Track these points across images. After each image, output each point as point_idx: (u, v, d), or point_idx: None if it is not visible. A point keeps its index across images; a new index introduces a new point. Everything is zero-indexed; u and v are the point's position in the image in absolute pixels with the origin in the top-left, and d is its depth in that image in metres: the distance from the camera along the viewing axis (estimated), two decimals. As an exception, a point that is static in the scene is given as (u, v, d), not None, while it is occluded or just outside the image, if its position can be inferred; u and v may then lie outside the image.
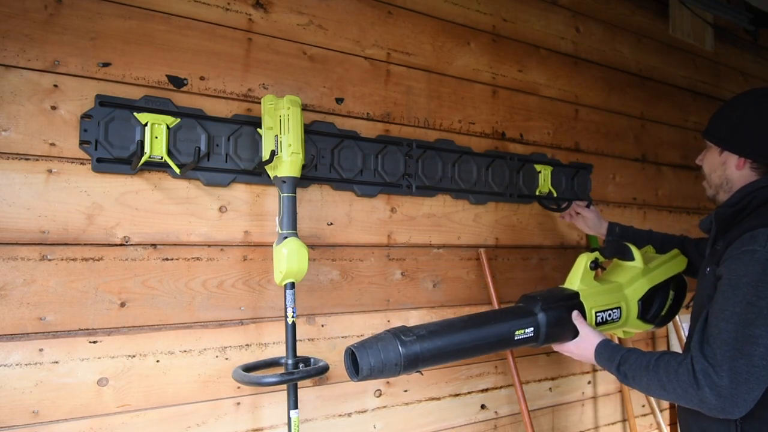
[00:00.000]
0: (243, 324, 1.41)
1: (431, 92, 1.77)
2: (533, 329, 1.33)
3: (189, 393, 1.33)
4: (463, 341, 1.25)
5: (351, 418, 1.57)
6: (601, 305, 1.44)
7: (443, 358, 1.24)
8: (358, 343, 1.17)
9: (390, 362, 1.15)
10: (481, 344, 1.28)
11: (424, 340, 1.19)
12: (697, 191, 2.59)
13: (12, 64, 1.17)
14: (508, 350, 1.46)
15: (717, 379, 1.01)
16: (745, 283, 1.03)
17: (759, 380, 1.00)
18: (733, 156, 1.25)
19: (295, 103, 1.35)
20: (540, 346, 1.38)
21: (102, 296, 1.24)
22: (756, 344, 0.99)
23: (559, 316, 1.36)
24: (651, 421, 2.33)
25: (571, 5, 2.18)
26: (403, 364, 1.16)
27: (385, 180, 1.63)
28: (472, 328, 1.28)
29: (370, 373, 1.15)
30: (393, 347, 1.15)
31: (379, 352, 1.15)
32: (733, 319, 1.02)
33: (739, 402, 1.00)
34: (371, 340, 1.17)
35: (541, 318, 1.34)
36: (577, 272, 1.47)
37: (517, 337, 1.31)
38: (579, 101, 2.16)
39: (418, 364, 1.19)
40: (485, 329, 1.29)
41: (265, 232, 1.45)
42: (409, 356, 1.16)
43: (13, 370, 1.15)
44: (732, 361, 1.00)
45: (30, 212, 1.18)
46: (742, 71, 2.92)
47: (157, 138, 1.28)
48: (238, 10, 1.44)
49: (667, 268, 1.53)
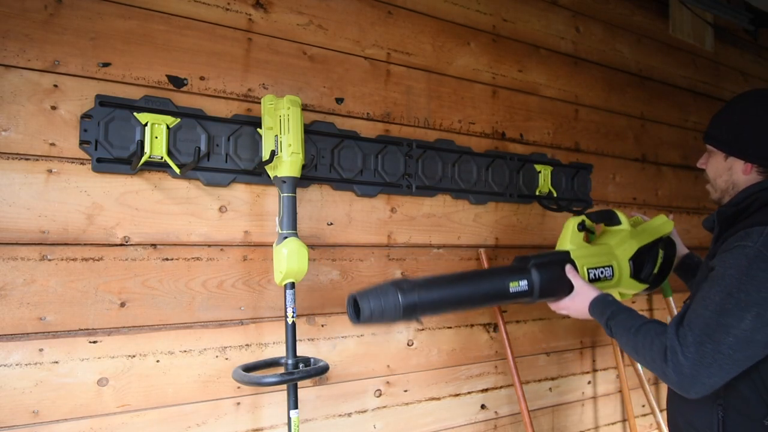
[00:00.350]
0: (243, 324, 1.41)
1: (431, 92, 1.77)
2: (527, 283, 1.36)
3: (189, 393, 1.33)
4: (460, 292, 1.31)
5: (351, 418, 1.57)
6: (593, 264, 1.48)
7: (440, 308, 1.30)
8: (359, 291, 1.22)
9: (389, 308, 1.21)
10: (476, 296, 1.33)
11: (422, 289, 1.25)
12: (697, 191, 2.60)
13: (12, 64, 1.17)
14: (503, 304, 1.49)
15: (682, 358, 1.05)
16: (730, 274, 1.06)
17: (722, 367, 1.03)
18: (738, 161, 1.24)
19: (295, 103, 1.35)
20: (535, 301, 1.41)
21: (102, 296, 1.24)
22: (727, 333, 1.02)
23: (552, 271, 1.40)
24: (651, 421, 2.33)
25: (571, 5, 2.18)
26: (402, 310, 1.22)
27: (385, 180, 1.63)
28: (468, 280, 1.34)
29: (370, 317, 1.21)
30: (393, 295, 1.22)
31: (379, 298, 1.21)
32: (711, 306, 1.06)
33: (697, 384, 1.04)
34: (373, 289, 1.23)
35: (534, 273, 1.38)
36: (566, 235, 1.51)
37: (512, 289, 1.35)
38: (579, 101, 2.16)
39: (416, 312, 1.25)
40: (481, 282, 1.34)
41: (265, 232, 1.45)
42: (407, 304, 1.22)
43: (13, 370, 1.15)
44: (699, 345, 1.04)
45: (30, 212, 1.18)
46: (742, 71, 2.92)
47: (157, 138, 1.28)
48: (238, 10, 1.44)
49: (654, 230, 1.57)
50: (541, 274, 1.38)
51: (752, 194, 1.19)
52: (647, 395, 2.15)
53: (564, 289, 1.41)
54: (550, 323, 2.04)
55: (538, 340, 2.00)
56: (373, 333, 1.61)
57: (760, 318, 1.00)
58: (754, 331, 1.00)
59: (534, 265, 1.39)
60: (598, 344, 2.19)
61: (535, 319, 1.99)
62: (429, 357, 1.72)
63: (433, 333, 1.73)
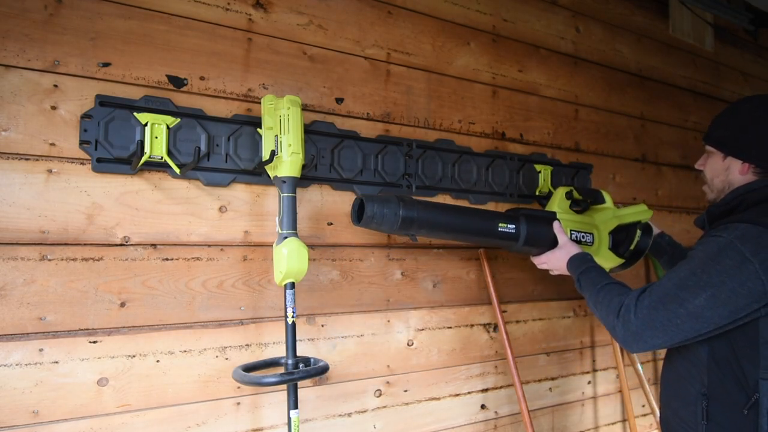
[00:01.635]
0: (243, 324, 1.41)
1: (431, 92, 1.77)
2: (515, 227, 1.51)
3: (189, 393, 1.33)
4: (454, 220, 1.45)
5: (351, 418, 1.57)
6: (576, 227, 1.63)
7: (434, 230, 1.42)
8: (366, 195, 1.35)
9: (390, 216, 1.33)
10: (468, 227, 1.46)
11: (421, 207, 1.38)
12: (697, 191, 2.59)
13: (12, 64, 1.17)
14: (489, 242, 1.60)
15: (633, 317, 1.14)
16: (698, 257, 1.13)
17: (666, 332, 1.11)
18: (736, 161, 1.28)
19: (295, 103, 1.35)
20: (520, 248, 1.55)
21: (102, 296, 1.24)
22: (680, 305, 1.10)
23: (539, 223, 1.55)
24: (651, 421, 2.33)
25: (571, 5, 2.18)
26: (401, 221, 1.34)
27: (385, 180, 1.63)
28: (463, 212, 1.48)
29: (371, 219, 1.32)
30: (395, 205, 1.34)
31: (383, 205, 1.33)
32: (674, 280, 1.14)
33: (639, 341, 1.14)
34: (378, 195, 1.36)
35: (522, 222, 1.53)
36: (554, 200, 1.68)
37: (500, 228, 1.50)
38: (579, 101, 2.16)
39: (412, 227, 1.37)
40: (474, 216, 1.49)
41: (265, 232, 1.45)
42: (406, 216, 1.34)
43: (13, 370, 1.15)
44: (653, 309, 1.13)
45: (30, 212, 1.18)
46: (742, 71, 2.92)
47: (157, 138, 1.28)
48: (238, 10, 1.44)
49: (633, 213, 1.72)
50: (529, 225, 1.53)
51: (740, 195, 1.24)
52: (647, 395, 2.15)
53: (546, 243, 1.55)
54: (550, 323, 2.04)
55: (538, 340, 2.00)
56: (373, 333, 1.61)
57: (714, 299, 1.07)
58: (705, 308, 1.08)
59: (524, 215, 1.55)
60: (598, 344, 2.19)
61: (535, 319, 1.99)
62: (429, 357, 1.72)
63: (433, 333, 1.73)
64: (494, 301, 1.79)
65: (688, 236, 2.55)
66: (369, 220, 1.32)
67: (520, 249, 1.56)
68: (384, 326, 1.63)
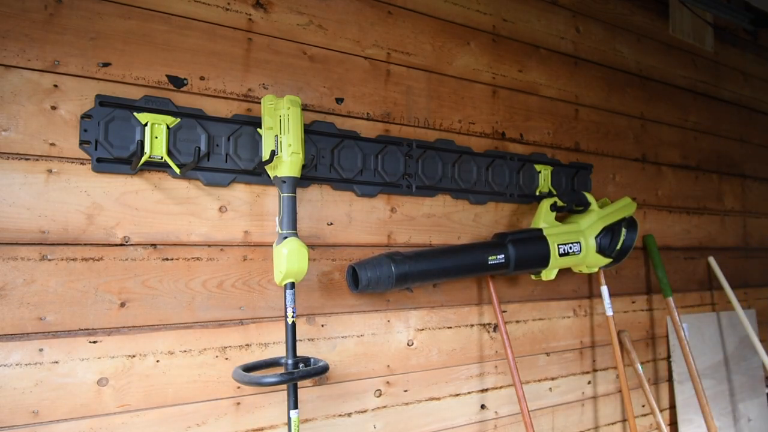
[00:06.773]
0: (243, 324, 1.41)
1: (431, 92, 1.77)
2: (503, 256, 1.62)
3: (189, 393, 1.33)
4: (445, 263, 1.52)
5: (351, 418, 1.57)
6: (563, 240, 1.73)
7: (428, 277, 1.51)
8: (357, 262, 1.43)
9: (384, 277, 1.41)
10: (460, 266, 1.54)
11: (412, 261, 1.47)
12: (697, 191, 2.60)
13: (12, 64, 1.17)
14: (484, 275, 1.71)
15: None
16: None
17: None
18: None
19: (295, 103, 1.35)
20: (512, 272, 1.69)
21: (102, 296, 1.24)
22: None
23: (526, 245, 1.66)
24: (651, 421, 2.33)
25: (571, 5, 2.18)
26: (395, 279, 1.42)
27: (385, 180, 1.63)
28: (452, 253, 1.56)
29: (367, 285, 1.41)
30: (387, 265, 1.42)
31: (375, 269, 1.41)
32: None
33: None
34: (369, 260, 1.44)
35: (510, 248, 1.64)
36: (540, 214, 1.77)
37: (490, 261, 1.60)
38: (579, 101, 2.16)
39: (407, 281, 1.46)
40: (463, 254, 1.56)
41: (265, 232, 1.45)
42: (399, 274, 1.43)
43: (13, 370, 1.15)
44: None
45: (30, 212, 1.18)
46: (742, 71, 2.92)
47: (157, 138, 1.28)
48: (238, 10, 1.44)
49: (618, 211, 1.81)
50: (517, 250, 1.64)
51: None
52: (647, 395, 2.15)
53: (536, 263, 1.67)
54: (550, 323, 2.04)
55: (538, 340, 2.00)
56: (373, 333, 1.61)
57: None
58: None
59: (510, 240, 1.65)
60: (598, 344, 2.19)
61: (535, 319, 1.99)
62: (429, 357, 1.72)
63: (433, 333, 1.73)
64: (494, 301, 1.79)
65: (688, 236, 2.55)
66: (365, 287, 1.42)
67: (513, 273, 1.68)
68: (384, 326, 1.63)
